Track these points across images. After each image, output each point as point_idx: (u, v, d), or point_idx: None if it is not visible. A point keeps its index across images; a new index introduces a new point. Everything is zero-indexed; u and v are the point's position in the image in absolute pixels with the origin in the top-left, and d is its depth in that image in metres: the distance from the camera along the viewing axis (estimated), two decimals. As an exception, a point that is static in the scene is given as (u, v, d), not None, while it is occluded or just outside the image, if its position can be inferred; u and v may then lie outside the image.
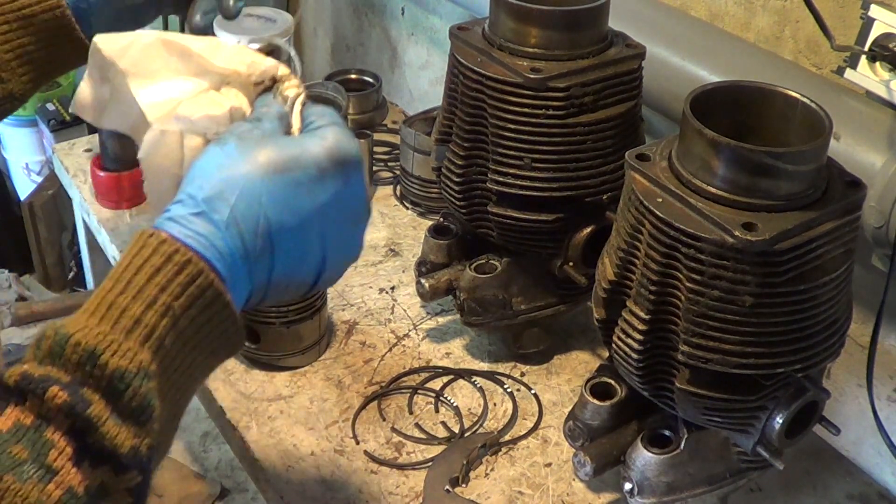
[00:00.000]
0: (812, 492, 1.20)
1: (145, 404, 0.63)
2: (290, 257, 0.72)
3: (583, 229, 1.19)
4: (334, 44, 2.28)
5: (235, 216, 0.68)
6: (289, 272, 0.73)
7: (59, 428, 0.60)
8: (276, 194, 0.70)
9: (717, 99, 0.93)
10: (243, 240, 0.69)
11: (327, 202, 0.72)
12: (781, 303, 0.88)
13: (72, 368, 0.62)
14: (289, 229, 0.71)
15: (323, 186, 0.72)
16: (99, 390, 0.61)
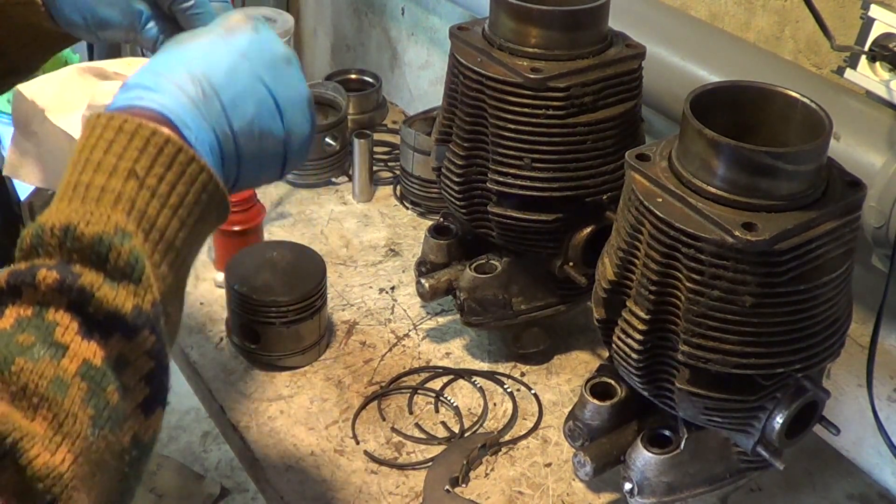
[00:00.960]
0: (812, 492, 1.20)
1: (132, 261, 0.62)
2: (235, 99, 0.73)
3: (583, 229, 1.19)
4: (334, 44, 2.28)
5: (160, 72, 0.70)
6: (246, 117, 0.73)
7: (58, 307, 0.60)
8: (193, 54, 0.73)
9: (717, 99, 0.93)
10: (181, 88, 0.70)
11: (244, 48, 0.74)
12: (781, 303, 0.88)
13: (54, 251, 0.62)
14: (219, 74, 0.72)
15: (234, 38, 0.74)
16: (83, 260, 0.62)
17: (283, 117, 0.76)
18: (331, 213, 1.64)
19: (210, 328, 1.37)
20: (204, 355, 1.33)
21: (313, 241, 1.54)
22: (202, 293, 1.44)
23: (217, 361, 1.32)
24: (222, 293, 1.35)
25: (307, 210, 1.64)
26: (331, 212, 1.64)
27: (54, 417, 0.57)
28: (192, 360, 1.32)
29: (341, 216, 1.63)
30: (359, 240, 1.57)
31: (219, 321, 1.37)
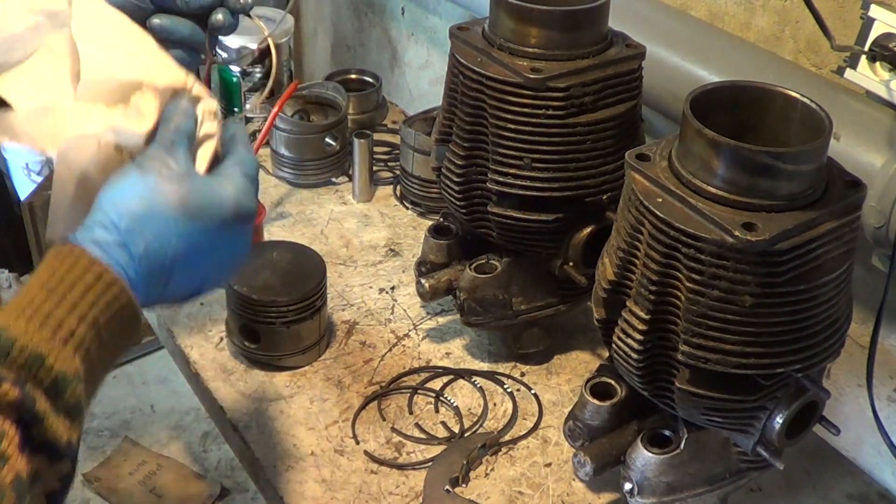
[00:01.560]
0: (812, 492, 1.20)
1: (79, 403, 0.73)
2: (179, 284, 0.83)
3: (583, 229, 1.19)
4: (334, 44, 2.28)
5: (148, 252, 0.79)
6: (172, 293, 0.83)
7: (7, 418, 0.67)
8: (184, 237, 0.81)
9: (717, 99, 0.93)
10: (150, 271, 0.80)
11: (221, 247, 0.84)
12: (781, 303, 0.88)
13: (17, 369, 0.70)
14: (186, 262, 0.82)
15: (222, 235, 0.84)
16: (40, 388, 0.70)
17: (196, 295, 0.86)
18: (331, 213, 1.64)
19: (210, 328, 1.37)
20: (204, 355, 1.33)
21: (313, 241, 1.54)
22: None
23: (217, 361, 1.32)
24: (222, 293, 1.35)
25: (307, 210, 1.64)
26: (331, 212, 1.64)
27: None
28: (192, 360, 1.32)
29: (341, 216, 1.63)
30: (359, 240, 1.57)
31: (219, 321, 1.37)
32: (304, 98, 1.73)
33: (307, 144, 1.66)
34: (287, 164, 1.68)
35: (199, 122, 0.86)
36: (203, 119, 0.87)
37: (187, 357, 1.33)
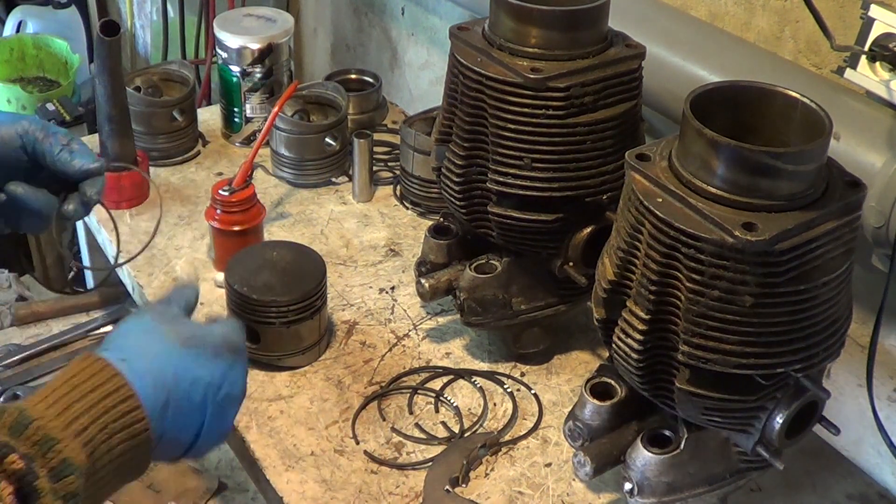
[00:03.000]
0: (812, 492, 1.20)
1: (76, 493, 0.77)
2: (180, 414, 0.88)
3: (583, 229, 1.19)
4: (334, 44, 2.28)
5: (150, 368, 0.86)
6: (175, 429, 0.88)
7: (9, 485, 0.72)
8: (179, 360, 0.89)
9: (717, 99, 0.93)
10: (154, 389, 0.85)
11: (216, 377, 0.91)
12: (781, 303, 0.88)
13: (29, 444, 0.75)
14: (184, 390, 0.88)
15: (215, 364, 0.92)
16: (46, 469, 0.75)
17: (198, 439, 0.91)
18: (331, 213, 1.64)
19: (210, 328, 1.37)
20: (204, 355, 1.33)
21: (313, 241, 1.54)
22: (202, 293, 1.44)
23: (217, 361, 1.32)
24: (222, 293, 1.35)
25: (307, 210, 1.64)
26: (331, 212, 1.64)
27: None
28: (192, 360, 1.32)
29: (341, 216, 1.63)
30: (359, 240, 1.57)
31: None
32: (304, 98, 1.73)
33: (307, 144, 1.66)
34: (287, 164, 1.68)
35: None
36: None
37: (187, 357, 1.33)
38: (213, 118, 1.88)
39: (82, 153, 1.02)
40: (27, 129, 1.00)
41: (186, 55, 2.51)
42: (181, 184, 1.70)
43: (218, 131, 1.85)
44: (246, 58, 1.74)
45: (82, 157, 1.02)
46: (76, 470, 0.77)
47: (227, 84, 1.77)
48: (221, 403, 0.92)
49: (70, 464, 0.77)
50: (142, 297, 1.47)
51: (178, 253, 1.52)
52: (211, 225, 1.44)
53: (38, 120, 1.03)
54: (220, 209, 1.42)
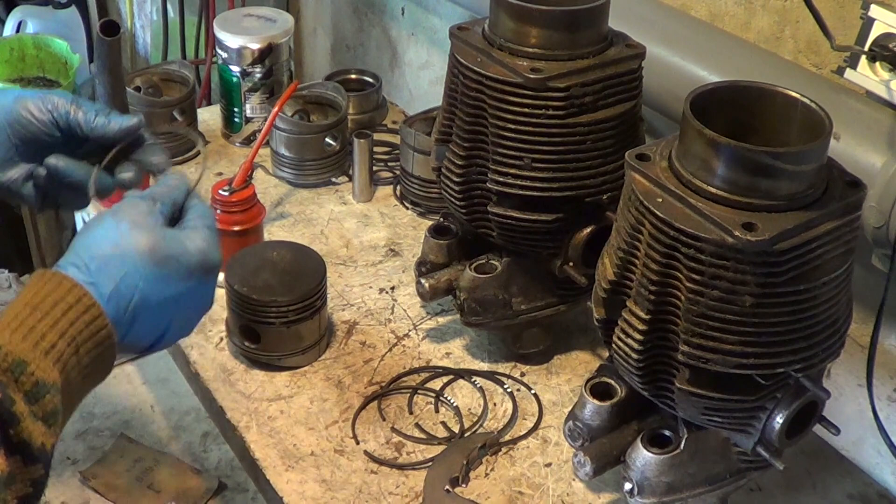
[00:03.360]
0: (812, 492, 1.20)
1: (56, 411, 0.77)
2: (143, 326, 0.87)
3: (583, 229, 1.19)
4: (334, 44, 2.28)
5: (117, 291, 0.84)
6: (138, 336, 0.87)
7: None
8: (150, 282, 0.86)
9: (717, 99, 0.93)
10: (117, 310, 0.84)
11: (184, 294, 0.89)
12: (781, 303, 0.88)
13: (0, 372, 0.75)
14: (150, 307, 0.86)
15: (186, 283, 0.89)
16: (21, 393, 0.75)
17: (159, 343, 0.91)
18: (331, 213, 1.64)
19: (210, 328, 1.37)
20: (204, 355, 1.33)
21: (313, 241, 1.54)
22: (202, 293, 1.44)
23: (217, 361, 1.32)
24: (222, 293, 1.35)
25: (307, 210, 1.64)
26: (331, 212, 1.64)
27: None
28: (192, 360, 1.32)
29: (341, 216, 1.63)
30: (359, 240, 1.57)
31: (219, 321, 1.37)
32: (304, 98, 1.73)
33: (307, 144, 1.66)
34: (287, 164, 1.68)
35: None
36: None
37: (187, 357, 1.33)
38: (213, 118, 1.88)
39: (117, 114, 1.01)
40: (57, 105, 1.00)
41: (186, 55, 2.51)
42: (181, 184, 1.70)
43: (218, 131, 1.85)
44: (246, 58, 1.74)
45: (118, 117, 1.00)
46: (51, 388, 0.77)
47: (227, 84, 1.77)
48: (187, 315, 0.91)
49: (44, 384, 0.77)
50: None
51: (178, 253, 1.52)
52: (211, 225, 1.43)
53: (67, 94, 1.02)
54: (220, 209, 1.42)
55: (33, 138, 1.00)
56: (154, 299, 0.86)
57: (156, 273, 0.86)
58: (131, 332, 0.86)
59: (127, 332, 0.86)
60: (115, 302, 0.84)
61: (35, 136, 1.00)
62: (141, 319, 0.86)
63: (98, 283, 0.83)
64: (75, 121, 0.99)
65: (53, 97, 1.00)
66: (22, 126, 0.99)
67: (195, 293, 0.90)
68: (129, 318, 0.85)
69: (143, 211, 0.88)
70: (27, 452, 0.74)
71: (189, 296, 0.89)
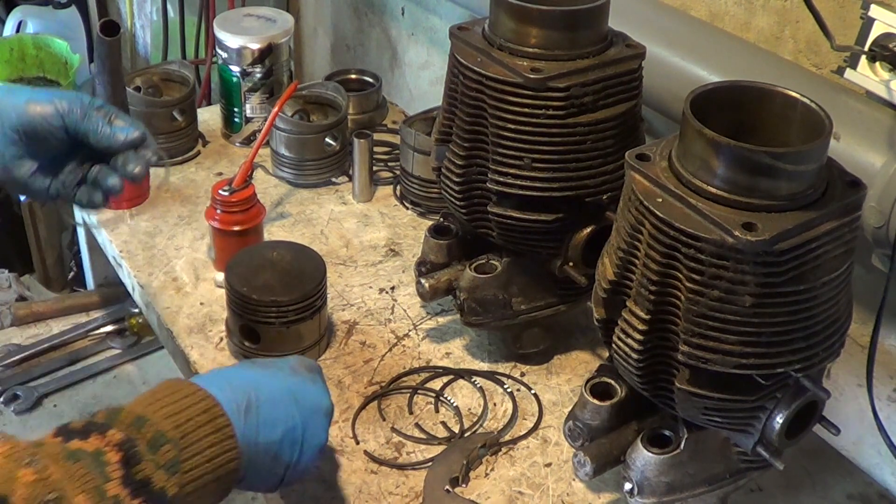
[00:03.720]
0: (812, 492, 1.20)
1: (175, 462, 0.83)
2: (267, 419, 0.94)
3: (583, 229, 1.19)
4: (334, 44, 2.28)
5: (229, 380, 0.95)
6: (268, 437, 0.94)
7: (114, 454, 0.79)
8: (258, 376, 0.98)
9: (717, 99, 0.93)
10: (233, 392, 0.93)
11: (295, 387, 0.99)
12: (781, 303, 0.88)
13: (124, 426, 0.83)
14: (265, 392, 0.95)
15: (294, 378, 1.01)
16: (143, 440, 0.82)
17: (301, 450, 0.97)
18: (331, 213, 1.64)
19: (210, 328, 1.37)
20: (204, 355, 1.33)
21: (313, 241, 1.54)
22: (202, 293, 1.44)
23: (217, 361, 1.32)
24: (222, 293, 1.35)
25: (307, 210, 1.64)
26: (331, 212, 1.64)
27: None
28: (192, 360, 1.32)
29: (341, 216, 1.63)
30: (359, 240, 1.57)
31: (219, 321, 1.37)
32: (304, 98, 1.73)
33: (307, 144, 1.66)
34: (287, 164, 1.68)
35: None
36: None
37: (187, 357, 1.33)
38: (213, 118, 1.88)
39: (124, 126, 1.05)
40: (67, 110, 1.03)
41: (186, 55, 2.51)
42: (181, 184, 1.70)
43: (218, 131, 1.85)
44: (246, 58, 1.74)
45: (124, 129, 1.04)
46: (170, 440, 0.83)
47: (227, 84, 1.77)
48: (308, 412, 0.98)
49: (163, 435, 0.83)
50: (142, 297, 1.47)
51: (178, 253, 1.52)
52: (211, 225, 1.44)
53: (77, 97, 1.04)
54: (220, 209, 1.42)
55: (42, 140, 1.04)
56: (265, 386, 0.97)
57: (260, 371, 1.01)
58: (252, 422, 0.93)
59: (246, 420, 0.92)
60: (228, 386, 0.94)
61: (44, 138, 1.03)
62: (257, 405, 0.94)
63: (207, 379, 0.95)
64: (83, 130, 1.03)
65: (64, 102, 1.03)
66: (33, 129, 1.03)
67: (306, 387, 1.01)
68: (243, 402, 0.93)
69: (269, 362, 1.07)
70: (149, 492, 0.79)
71: (300, 388, 1.00)
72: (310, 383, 1.01)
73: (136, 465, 0.79)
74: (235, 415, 0.90)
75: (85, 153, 1.07)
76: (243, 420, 0.91)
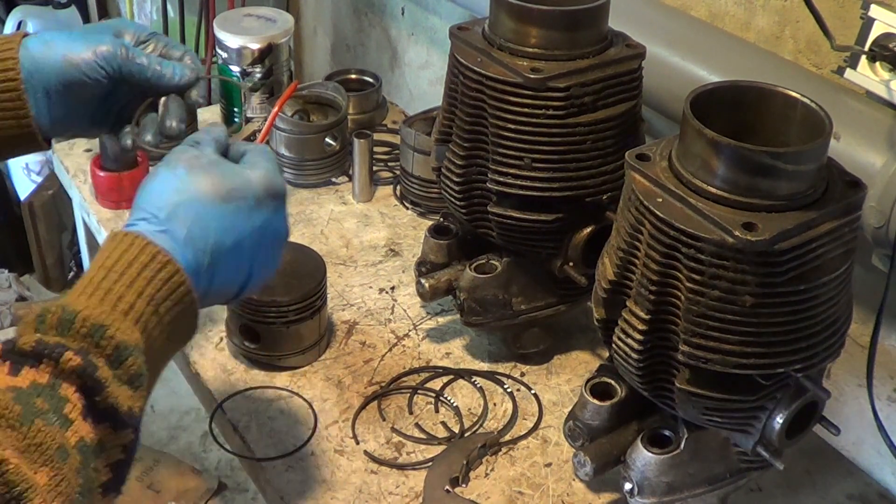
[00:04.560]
0: (812, 492, 1.20)
1: (140, 373, 0.75)
2: (226, 270, 0.86)
3: (583, 229, 1.19)
4: (334, 44, 2.28)
5: (191, 236, 0.83)
6: (223, 282, 0.86)
7: (71, 385, 0.71)
8: (221, 219, 0.85)
9: (717, 99, 0.93)
10: (196, 255, 0.83)
11: (259, 226, 0.88)
12: (781, 303, 0.88)
13: (80, 339, 0.73)
14: (228, 248, 0.85)
15: (258, 213, 0.87)
16: (103, 357, 0.73)
17: (247, 285, 0.90)
18: (331, 213, 1.64)
19: (210, 328, 1.37)
20: (204, 355, 1.33)
21: (313, 241, 1.54)
22: (202, 293, 1.44)
23: (217, 361, 1.32)
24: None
25: (307, 210, 1.64)
26: (331, 212, 1.64)
27: (54, 476, 0.67)
28: (192, 360, 1.32)
29: (341, 216, 1.63)
30: (359, 240, 1.57)
31: (219, 321, 1.37)
32: (304, 98, 1.73)
33: (307, 144, 1.66)
34: (287, 164, 1.68)
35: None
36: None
37: (187, 357, 1.33)
38: (213, 118, 1.88)
39: (174, 65, 1.01)
40: (108, 55, 0.99)
41: (186, 55, 2.50)
42: (181, 184, 1.70)
43: (218, 131, 1.85)
44: (246, 58, 1.74)
45: (176, 69, 1.01)
46: (134, 350, 0.75)
47: (227, 84, 1.77)
48: (267, 249, 0.90)
49: (126, 346, 0.75)
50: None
51: (178, 253, 1.52)
52: (211, 225, 1.43)
53: (116, 39, 1.00)
54: (220, 209, 1.42)
55: (86, 92, 1.00)
56: (229, 238, 0.85)
57: (224, 209, 0.85)
58: (216, 279, 0.85)
59: (211, 280, 0.84)
60: (192, 248, 0.82)
61: (88, 90, 1.00)
62: (222, 263, 0.85)
63: (170, 230, 0.82)
64: (128, 71, 0.99)
65: (104, 47, 0.99)
66: (76, 85, 0.99)
67: (269, 224, 0.88)
68: (208, 263, 0.83)
69: (194, 154, 0.87)
70: (115, 418, 0.73)
71: (263, 227, 0.88)
72: (273, 216, 0.90)
73: (99, 393, 0.72)
74: (195, 278, 0.82)
75: (132, 88, 1.03)
76: (203, 281, 0.84)
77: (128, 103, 1.05)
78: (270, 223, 0.89)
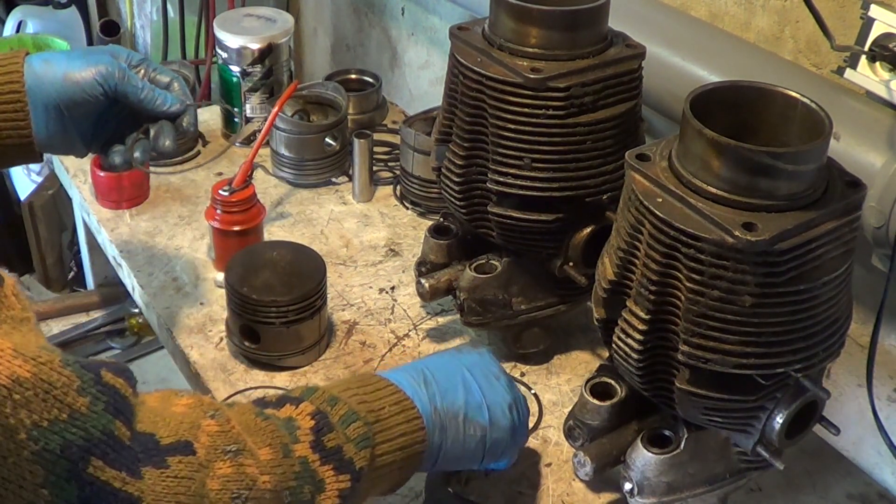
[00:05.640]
0: (812, 492, 1.20)
1: (366, 436, 0.86)
2: (445, 388, 0.96)
3: (583, 229, 1.19)
4: (334, 44, 2.28)
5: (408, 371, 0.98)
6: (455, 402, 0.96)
7: (305, 419, 0.83)
8: (431, 359, 1.03)
9: (717, 99, 0.93)
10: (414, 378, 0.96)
11: (464, 360, 1.02)
12: (781, 303, 0.88)
13: (317, 402, 0.86)
14: (439, 370, 0.98)
15: (460, 356, 1.04)
16: (335, 416, 0.86)
17: (488, 413, 0.98)
18: (331, 213, 1.64)
19: (210, 328, 1.37)
20: (204, 355, 1.33)
21: (313, 241, 1.54)
22: (202, 293, 1.44)
23: (217, 361, 1.32)
24: (222, 293, 1.35)
25: (307, 210, 1.64)
26: (331, 212, 1.64)
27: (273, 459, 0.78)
28: (192, 360, 1.32)
29: (341, 216, 1.63)
30: (359, 240, 1.57)
31: (219, 321, 1.37)
32: (304, 98, 1.73)
33: (307, 144, 1.66)
34: (287, 164, 1.68)
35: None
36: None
37: (187, 357, 1.33)
38: (213, 118, 1.88)
39: (165, 94, 1.06)
40: (106, 75, 1.04)
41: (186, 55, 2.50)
42: (181, 184, 1.70)
43: (218, 131, 1.85)
44: (246, 58, 1.74)
45: (167, 98, 1.06)
46: (361, 419, 0.86)
47: (227, 84, 1.77)
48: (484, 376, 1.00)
49: (354, 412, 0.86)
50: (142, 297, 1.47)
51: (179, 253, 1.52)
52: (211, 225, 1.44)
53: (114, 61, 1.05)
54: (220, 209, 1.42)
55: (83, 109, 1.05)
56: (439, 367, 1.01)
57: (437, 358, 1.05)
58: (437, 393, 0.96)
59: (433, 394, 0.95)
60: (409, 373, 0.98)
61: (85, 107, 1.05)
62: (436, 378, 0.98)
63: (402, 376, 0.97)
64: (122, 92, 1.04)
65: (102, 66, 1.04)
66: (74, 102, 1.04)
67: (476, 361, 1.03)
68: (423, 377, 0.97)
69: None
70: (340, 459, 0.82)
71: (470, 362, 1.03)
72: (477, 356, 1.04)
73: (328, 433, 0.82)
74: (415, 389, 0.94)
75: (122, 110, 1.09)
76: (424, 392, 0.94)
77: (118, 125, 1.10)
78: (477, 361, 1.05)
